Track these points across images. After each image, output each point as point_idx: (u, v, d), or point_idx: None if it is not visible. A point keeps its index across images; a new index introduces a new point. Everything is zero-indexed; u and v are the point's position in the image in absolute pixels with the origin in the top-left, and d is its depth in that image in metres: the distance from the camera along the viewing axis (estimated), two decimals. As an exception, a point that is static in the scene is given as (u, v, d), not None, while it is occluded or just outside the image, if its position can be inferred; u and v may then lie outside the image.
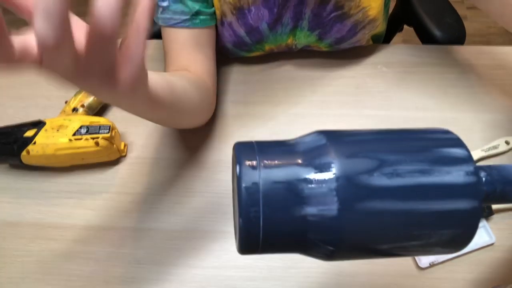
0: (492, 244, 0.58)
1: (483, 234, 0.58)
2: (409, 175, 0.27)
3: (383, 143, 0.29)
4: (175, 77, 0.53)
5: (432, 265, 0.56)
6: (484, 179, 0.30)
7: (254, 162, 0.27)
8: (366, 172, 0.26)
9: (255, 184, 0.26)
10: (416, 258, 0.57)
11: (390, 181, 0.26)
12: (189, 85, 0.56)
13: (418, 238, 0.28)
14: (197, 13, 0.61)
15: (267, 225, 0.26)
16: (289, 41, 0.70)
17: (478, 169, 0.28)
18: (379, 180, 0.26)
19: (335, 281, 0.57)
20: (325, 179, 0.26)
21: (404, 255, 0.30)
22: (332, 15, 0.65)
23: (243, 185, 0.26)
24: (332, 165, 0.26)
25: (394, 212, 0.27)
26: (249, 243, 0.27)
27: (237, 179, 0.26)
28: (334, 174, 0.26)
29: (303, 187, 0.26)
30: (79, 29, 0.30)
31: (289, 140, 0.30)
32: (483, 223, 0.58)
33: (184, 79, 0.56)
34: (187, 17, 0.60)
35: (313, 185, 0.26)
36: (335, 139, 0.28)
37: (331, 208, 0.26)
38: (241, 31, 0.66)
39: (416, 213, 0.27)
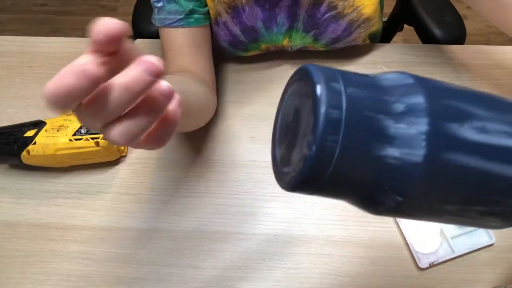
0: (492, 244, 0.58)
1: (483, 234, 0.58)
2: (497, 135, 0.25)
3: (474, 97, 0.27)
4: (186, 83, 0.54)
5: (432, 265, 0.56)
6: None
7: (338, 85, 0.23)
8: (457, 122, 0.24)
9: (338, 109, 0.22)
10: (416, 258, 0.57)
11: (479, 137, 0.25)
12: (195, 88, 0.56)
13: (488, 203, 0.26)
14: (191, 12, 0.61)
15: (342, 159, 0.23)
16: (285, 42, 0.70)
17: None
18: (469, 133, 0.24)
19: (335, 282, 0.57)
20: (415, 120, 0.23)
21: (456, 222, 0.28)
22: (326, 15, 0.65)
23: (323, 108, 0.22)
24: (424, 106, 0.24)
25: (476, 170, 0.25)
26: (313, 176, 0.23)
27: (315, 100, 0.22)
28: (425, 117, 0.23)
29: (390, 125, 0.23)
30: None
31: (371, 74, 0.26)
32: (483, 223, 0.58)
33: (191, 82, 0.56)
34: (182, 16, 0.60)
35: (401, 125, 0.23)
36: (424, 81, 0.26)
37: (417, 153, 0.23)
38: (237, 30, 0.67)
39: (494, 175, 0.25)
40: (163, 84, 0.27)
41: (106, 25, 0.24)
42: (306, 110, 0.24)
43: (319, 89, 0.23)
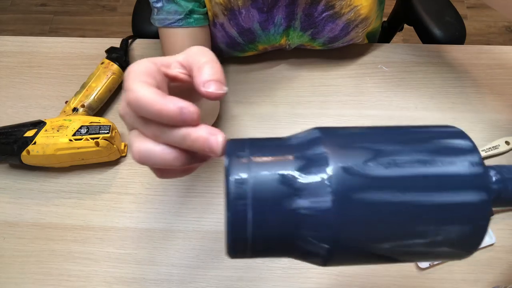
0: (492, 244, 0.58)
1: (483, 234, 0.58)
2: (408, 165, 0.25)
3: (380, 135, 0.28)
4: None
5: (432, 265, 0.56)
6: (494, 177, 0.28)
7: (244, 155, 0.25)
8: (361, 162, 0.25)
9: (244, 177, 0.24)
10: (416, 258, 0.57)
11: (388, 171, 0.25)
12: None
13: (423, 235, 0.26)
14: (190, 12, 0.61)
15: (257, 220, 0.24)
16: (283, 41, 0.70)
17: (486, 166, 0.27)
18: (375, 169, 0.25)
19: (335, 282, 0.57)
20: (318, 170, 0.25)
21: (408, 258, 0.28)
22: (324, 15, 0.65)
23: (232, 177, 0.24)
24: (325, 155, 0.25)
25: (393, 204, 0.25)
26: (238, 242, 0.25)
27: (226, 170, 0.25)
28: (327, 164, 0.25)
29: (295, 179, 0.25)
30: None
31: (284, 137, 0.28)
32: (483, 223, 0.58)
33: None
34: (181, 16, 0.60)
35: (306, 176, 0.25)
36: (330, 132, 0.27)
37: (325, 199, 0.24)
38: (233, 32, 0.67)
39: (418, 206, 0.25)
40: (215, 142, 0.26)
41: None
42: (225, 180, 0.26)
43: (226, 160, 0.25)
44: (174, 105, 0.25)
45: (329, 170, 0.25)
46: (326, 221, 0.24)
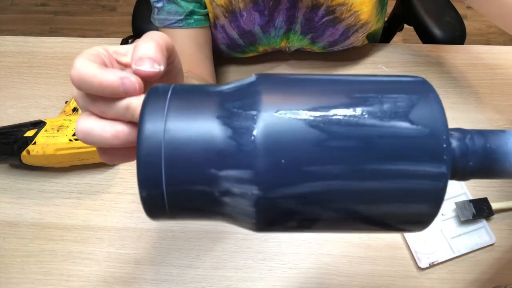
0: (492, 244, 0.58)
1: (483, 234, 0.58)
2: (348, 123, 0.22)
3: (325, 82, 0.24)
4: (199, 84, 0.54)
5: (432, 265, 0.56)
6: (456, 149, 0.24)
7: (163, 102, 0.23)
8: (294, 108, 0.22)
9: (159, 127, 0.22)
10: (416, 258, 0.57)
11: (324, 126, 0.22)
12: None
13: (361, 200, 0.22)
14: (191, 13, 0.61)
15: (170, 165, 0.22)
16: (283, 44, 0.70)
17: (448, 137, 0.23)
18: (308, 118, 0.22)
19: (335, 281, 0.57)
20: (246, 113, 0.22)
21: (355, 221, 0.24)
22: (324, 19, 0.65)
23: (145, 126, 0.22)
24: (256, 99, 0.22)
25: (330, 151, 0.22)
26: (153, 197, 0.23)
27: (140, 119, 0.23)
28: (256, 108, 0.22)
29: (217, 125, 0.22)
30: None
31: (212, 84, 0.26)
32: (483, 223, 0.58)
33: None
34: (181, 17, 0.60)
35: (229, 122, 0.22)
36: (267, 77, 0.24)
37: (250, 138, 0.22)
38: (234, 34, 0.66)
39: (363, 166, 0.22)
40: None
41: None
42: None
43: (142, 107, 0.23)
44: (115, 75, 0.25)
45: (256, 110, 0.22)
46: (249, 162, 0.21)
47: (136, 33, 0.91)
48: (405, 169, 0.22)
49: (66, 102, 0.69)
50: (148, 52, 0.26)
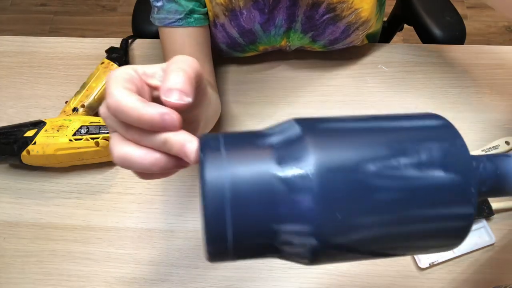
0: (492, 245, 0.58)
1: (483, 234, 0.58)
2: (397, 172, 0.25)
3: (363, 132, 0.27)
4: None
5: (432, 265, 0.56)
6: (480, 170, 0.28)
7: (220, 151, 0.24)
8: (346, 165, 0.25)
9: (222, 174, 0.23)
10: (416, 258, 0.57)
11: (374, 176, 0.24)
12: (211, 93, 0.56)
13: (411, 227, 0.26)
14: (191, 12, 0.61)
15: (237, 219, 0.23)
16: (283, 43, 0.70)
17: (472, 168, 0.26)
18: (360, 173, 0.24)
19: (335, 282, 0.57)
20: (299, 167, 0.24)
21: (398, 252, 0.27)
22: (325, 17, 0.65)
23: (208, 174, 0.23)
24: (306, 151, 0.24)
25: (377, 206, 0.24)
26: (217, 244, 0.24)
27: (200, 168, 0.24)
28: (309, 162, 0.24)
29: (275, 176, 0.24)
30: None
31: (259, 130, 0.27)
32: (483, 223, 0.58)
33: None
34: (181, 16, 0.60)
35: (285, 172, 0.24)
36: (309, 126, 0.26)
37: (307, 197, 0.24)
38: (234, 32, 0.66)
39: (402, 217, 0.25)
40: (190, 149, 0.26)
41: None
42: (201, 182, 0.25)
43: (201, 156, 0.24)
44: (156, 111, 0.25)
45: (311, 168, 0.24)
46: (308, 218, 0.24)
47: (136, 33, 0.91)
48: (441, 213, 0.25)
49: (66, 102, 0.69)
50: (177, 83, 0.26)
